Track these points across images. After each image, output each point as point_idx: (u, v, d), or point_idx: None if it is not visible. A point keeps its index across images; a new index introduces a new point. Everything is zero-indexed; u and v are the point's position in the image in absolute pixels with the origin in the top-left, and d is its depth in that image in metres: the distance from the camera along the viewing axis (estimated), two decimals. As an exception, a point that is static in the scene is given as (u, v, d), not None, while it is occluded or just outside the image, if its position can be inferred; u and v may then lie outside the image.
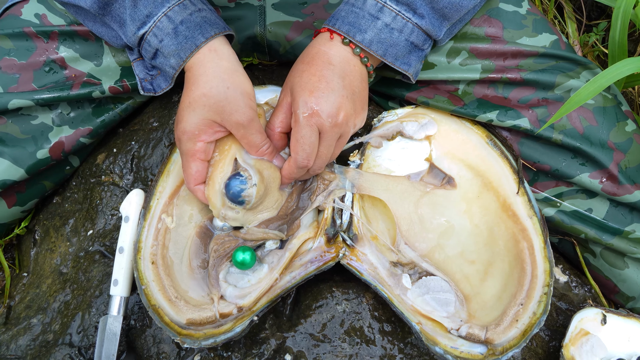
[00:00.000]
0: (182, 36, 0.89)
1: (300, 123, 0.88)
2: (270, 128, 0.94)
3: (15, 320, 1.03)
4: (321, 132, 0.89)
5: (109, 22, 0.95)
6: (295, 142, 0.89)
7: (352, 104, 0.90)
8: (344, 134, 0.91)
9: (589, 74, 1.01)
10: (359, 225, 0.97)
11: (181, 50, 0.90)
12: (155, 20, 0.90)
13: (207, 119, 0.89)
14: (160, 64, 0.93)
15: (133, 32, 0.91)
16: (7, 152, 1.01)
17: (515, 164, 1.01)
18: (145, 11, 0.90)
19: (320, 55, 0.90)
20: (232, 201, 0.93)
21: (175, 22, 0.90)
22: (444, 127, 1.04)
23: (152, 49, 0.91)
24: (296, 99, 0.88)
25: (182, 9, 0.90)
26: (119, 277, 0.96)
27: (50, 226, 1.10)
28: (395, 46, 0.92)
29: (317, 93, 0.87)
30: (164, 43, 0.90)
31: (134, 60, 0.99)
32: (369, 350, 0.94)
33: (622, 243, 1.02)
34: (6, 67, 1.00)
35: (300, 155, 0.89)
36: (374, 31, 0.90)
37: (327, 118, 0.87)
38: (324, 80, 0.88)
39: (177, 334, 0.90)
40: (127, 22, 0.91)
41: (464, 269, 0.98)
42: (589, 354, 0.94)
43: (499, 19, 1.01)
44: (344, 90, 0.89)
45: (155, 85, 0.99)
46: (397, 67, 0.94)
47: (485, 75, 0.99)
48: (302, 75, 0.90)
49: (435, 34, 0.94)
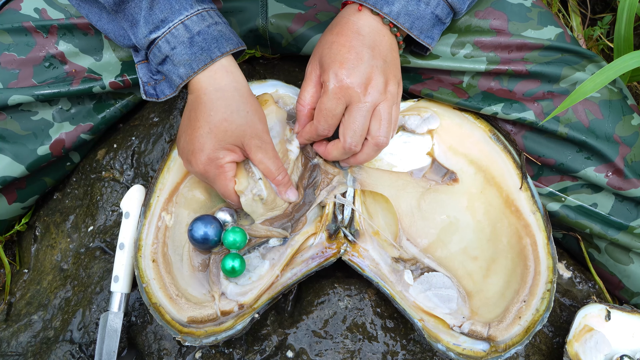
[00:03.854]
0: (197, 47, 0.88)
1: (329, 94, 0.89)
2: (301, 104, 0.94)
3: (15, 317, 1.03)
4: (350, 104, 0.89)
5: (120, 20, 0.93)
6: (319, 111, 0.90)
7: (383, 73, 0.90)
8: (379, 104, 0.90)
9: (595, 67, 1.00)
10: (360, 220, 0.97)
11: (194, 61, 0.88)
12: (170, 26, 0.88)
13: (231, 143, 0.89)
14: (167, 71, 0.92)
15: (145, 34, 0.90)
16: (7, 148, 1.01)
17: (518, 158, 1.00)
18: (160, 15, 0.89)
19: (349, 26, 0.90)
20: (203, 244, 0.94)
21: (193, 31, 0.88)
22: (447, 121, 1.03)
23: (162, 55, 0.90)
24: (326, 71, 0.89)
25: (201, 19, 0.89)
26: (120, 273, 0.96)
27: (50, 222, 1.10)
28: (421, 19, 0.92)
29: (347, 64, 0.88)
30: (176, 51, 0.89)
31: (139, 63, 0.97)
32: (371, 346, 0.93)
33: (627, 238, 1.02)
34: (6, 62, 1.00)
35: (320, 124, 0.91)
36: (401, 3, 0.90)
37: (357, 89, 0.88)
38: (354, 51, 0.89)
39: (178, 332, 0.89)
40: (139, 23, 0.90)
41: (466, 265, 0.97)
42: (593, 350, 0.94)
43: (504, 11, 1.00)
44: (373, 60, 0.89)
45: (158, 91, 0.97)
46: (422, 41, 0.94)
47: (490, 68, 0.98)
48: (331, 46, 0.90)
49: (459, 7, 0.93)
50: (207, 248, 0.95)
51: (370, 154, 0.93)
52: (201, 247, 0.94)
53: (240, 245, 0.93)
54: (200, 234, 0.92)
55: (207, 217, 0.93)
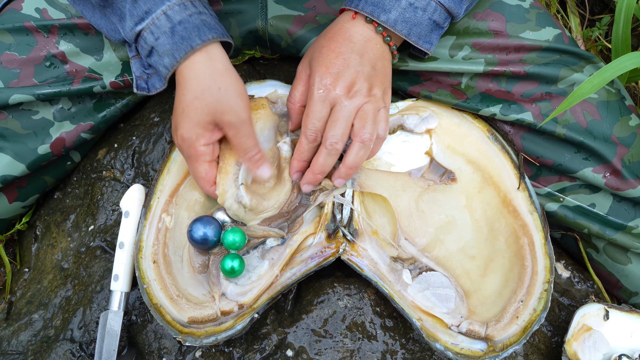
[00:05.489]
0: (178, 36, 0.88)
1: (314, 98, 0.91)
2: (291, 102, 0.96)
3: (16, 315, 1.03)
4: (334, 106, 0.91)
5: (109, 15, 0.94)
6: (306, 117, 0.92)
7: (368, 79, 0.91)
8: (362, 105, 0.91)
9: (593, 68, 1.00)
10: (359, 220, 0.97)
11: (176, 50, 0.89)
12: (153, 17, 0.89)
13: (203, 121, 0.89)
14: (154, 63, 0.92)
15: (131, 27, 0.91)
16: (8, 147, 1.01)
17: (516, 158, 1.00)
18: (144, 7, 0.89)
19: (342, 32, 0.92)
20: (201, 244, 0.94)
21: (174, 21, 0.89)
22: (445, 120, 1.03)
23: (148, 47, 0.91)
24: (313, 74, 0.92)
25: (182, 9, 0.89)
26: (120, 272, 0.96)
27: (51, 221, 1.10)
28: (419, 25, 0.92)
29: (332, 69, 0.90)
30: (159, 41, 0.89)
31: (133, 58, 0.98)
32: (371, 345, 0.94)
33: (625, 238, 1.02)
34: (7, 62, 1.00)
35: (308, 129, 0.91)
36: (398, 10, 0.91)
37: (340, 92, 0.90)
38: (342, 57, 0.91)
39: (178, 332, 0.90)
40: (126, 16, 0.91)
41: (464, 264, 0.98)
42: (592, 349, 0.94)
43: (502, 12, 1.00)
44: (361, 66, 0.91)
45: (149, 85, 0.98)
46: (420, 47, 0.95)
47: (488, 69, 0.99)
48: (321, 50, 0.92)
49: (456, 12, 0.94)
50: (207, 249, 0.95)
51: (358, 154, 0.92)
52: (201, 247, 0.94)
53: (240, 246, 0.93)
54: (200, 234, 0.92)
55: (206, 218, 0.93)
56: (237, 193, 0.93)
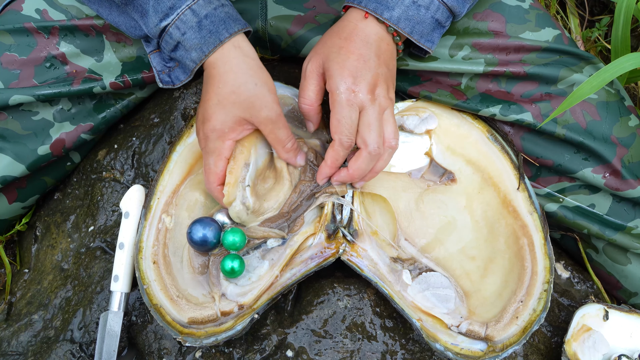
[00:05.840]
0: (206, 30, 0.89)
1: (342, 103, 0.89)
2: (306, 104, 0.94)
3: (16, 316, 1.03)
4: (363, 109, 0.90)
5: (130, 12, 0.94)
6: (337, 123, 0.90)
7: (385, 80, 0.92)
8: (386, 108, 0.92)
9: (592, 69, 1.01)
10: (359, 220, 0.97)
11: (204, 44, 0.90)
12: (178, 12, 0.89)
13: (238, 116, 0.90)
14: (180, 57, 0.93)
15: (155, 23, 0.91)
16: (8, 148, 1.01)
17: (516, 159, 1.00)
18: (168, 3, 0.90)
19: (357, 32, 0.91)
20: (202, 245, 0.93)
21: (200, 15, 0.89)
22: (445, 121, 1.03)
23: (174, 42, 0.91)
24: (334, 78, 0.90)
25: (207, 3, 0.90)
26: (120, 273, 0.96)
27: (51, 222, 1.10)
28: (421, 23, 0.92)
29: (356, 72, 0.89)
30: (186, 36, 0.90)
31: (151, 52, 0.99)
32: (371, 346, 0.94)
33: (625, 239, 1.02)
34: (7, 62, 1.00)
35: (344, 135, 0.90)
36: (402, 8, 0.91)
37: (368, 95, 0.89)
38: (362, 59, 0.90)
39: (179, 333, 0.90)
40: (149, 12, 0.91)
41: (464, 265, 0.98)
42: (591, 349, 0.94)
43: (502, 13, 1.01)
44: (379, 68, 0.91)
45: (173, 78, 1.00)
46: (422, 45, 0.95)
47: (488, 69, 0.99)
48: (339, 51, 0.91)
49: (458, 11, 0.94)
50: (206, 250, 0.95)
51: (387, 161, 0.94)
52: (200, 249, 0.94)
53: (240, 246, 0.93)
54: (199, 236, 0.92)
55: (205, 220, 0.93)
56: (243, 194, 0.93)
